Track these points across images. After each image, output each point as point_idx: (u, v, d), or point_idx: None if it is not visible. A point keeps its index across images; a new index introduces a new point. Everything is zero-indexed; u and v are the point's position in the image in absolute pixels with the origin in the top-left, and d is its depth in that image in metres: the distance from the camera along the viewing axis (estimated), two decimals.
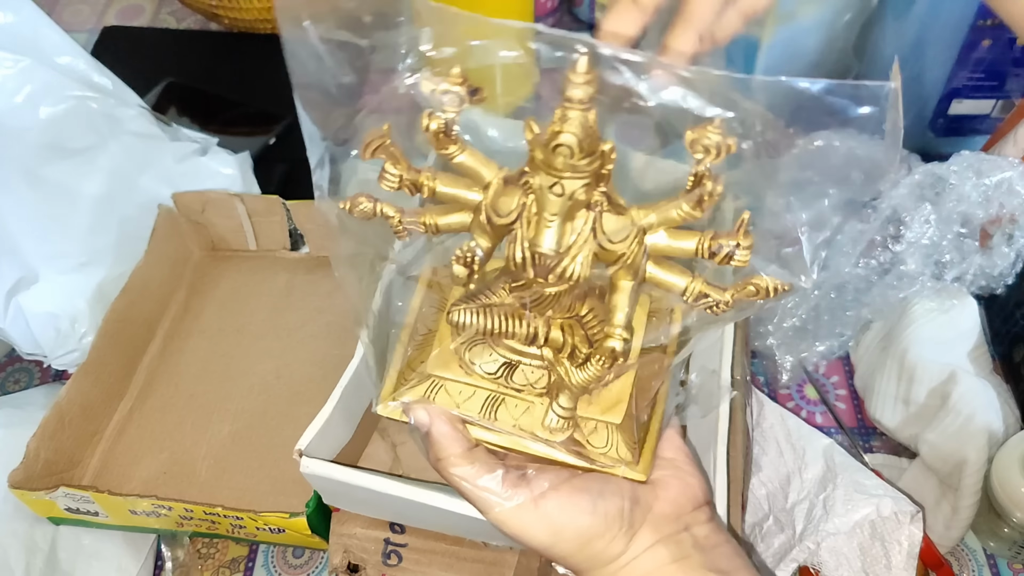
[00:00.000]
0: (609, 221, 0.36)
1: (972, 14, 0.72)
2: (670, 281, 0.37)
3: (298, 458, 0.49)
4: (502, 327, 0.39)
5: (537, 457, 0.43)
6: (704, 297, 0.37)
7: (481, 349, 0.42)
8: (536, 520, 0.41)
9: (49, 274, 0.69)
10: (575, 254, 0.36)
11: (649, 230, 0.36)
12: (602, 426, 0.41)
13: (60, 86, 0.72)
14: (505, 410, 0.41)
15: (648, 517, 0.42)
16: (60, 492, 0.58)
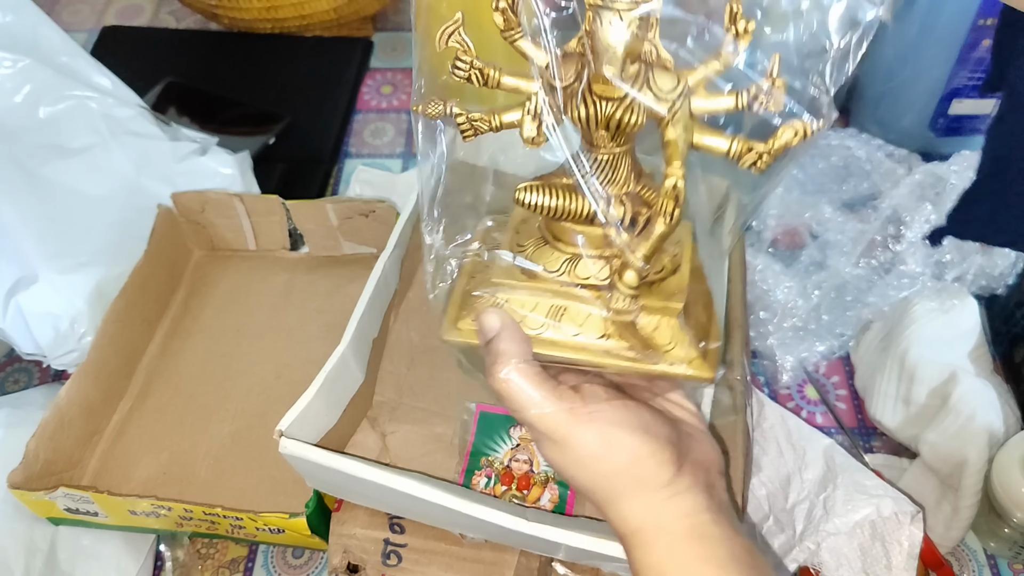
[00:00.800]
0: (659, 75, 0.38)
1: (972, 14, 0.72)
2: (715, 143, 0.38)
3: (278, 438, 0.49)
4: (567, 203, 0.40)
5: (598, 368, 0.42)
6: (748, 151, 0.38)
7: (543, 251, 0.43)
8: (588, 428, 0.40)
9: (48, 274, 0.69)
10: (629, 103, 0.37)
11: (696, 95, 0.38)
12: (664, 323, 0.40)
13: (60, 86, 0.72)
14: (569, 318, 0.41)
15: (690, 458, 0.42)
16: (59, 492, 0.58)
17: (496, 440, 0.60)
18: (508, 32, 0.39)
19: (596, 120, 0.38)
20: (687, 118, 0.38)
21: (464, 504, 0.47)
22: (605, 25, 0.36)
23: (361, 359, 0.57)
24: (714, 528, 0.40)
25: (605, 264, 0.42)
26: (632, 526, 0.41)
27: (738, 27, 0.36)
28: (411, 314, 0.65)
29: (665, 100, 0.38)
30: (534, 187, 0.41)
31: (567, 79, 0.39)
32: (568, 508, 0.57)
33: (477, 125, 0.41)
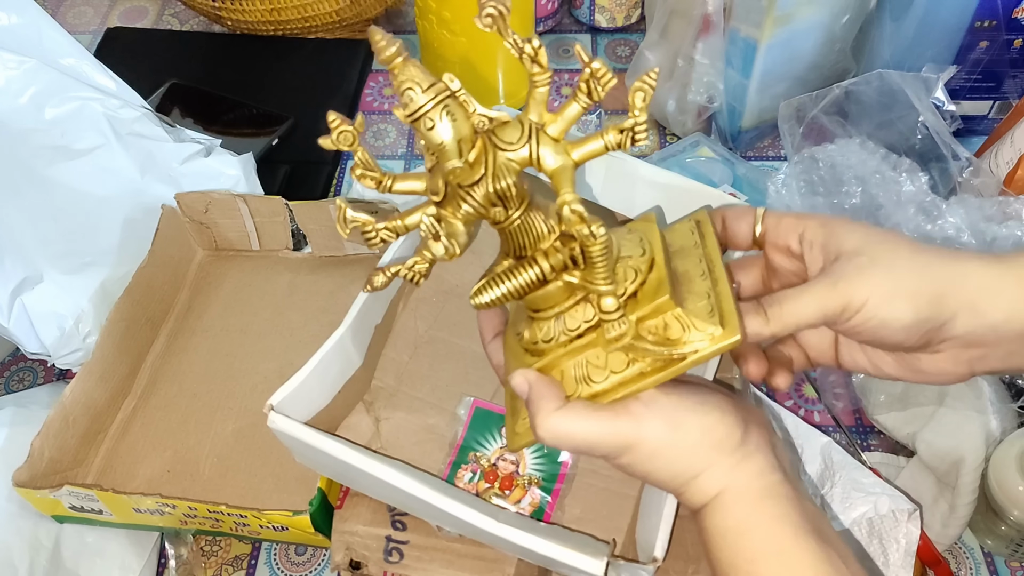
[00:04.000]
0: (501, 132, 0.40)
1: (969, 16, 0.73)
2: (591, 148, 0.40)
3: (268, 412, 0.50)
4: (515, 282, 0.42)
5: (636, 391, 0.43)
6: (619, 134, 0.39)
7: (534, 327, 0.44)
8: (652, 421, 0.40)
9: (53, 274, 0.70)
10: (492, 173, 0.39)
11: (546, 124, 0.40)
12: (668, 319, 0.41)
13: (64, 87, 0.73)
14: (594, 368, 0.42)
15: (751, 420, 0.42)
16: (64, 491, 0.58)
17: (487, 437, 0.60)
18: (380, 186, 0.42)
19: (480, 206, 0.40)
20: (553, 145, 0.40)
21: (437, 497, 0.48)
22: (425, 132, 0.39)
23: (360, 344, 0.58)
24: (786, 488, 0.41)
25: (586, 305, 0.43)
26: (710, 493, 0.41)
27: (528, 51, 0.38)
28: (420, 304, 0.66)
29: (517, 146, 0.39)
30: (481, 288, 0.43)
31: (441, 191, 0.41)
32: (546, 515, 0.58)
33: (417, 270, 0.43)
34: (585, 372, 0.42)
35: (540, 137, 0.40)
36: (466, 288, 0.67)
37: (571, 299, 0.43)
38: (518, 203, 0.41)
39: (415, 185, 0.42)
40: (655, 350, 0.40)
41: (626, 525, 0.58)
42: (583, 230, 0.37)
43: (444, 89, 0.38)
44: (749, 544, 0.40)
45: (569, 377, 0.43)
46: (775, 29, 0.78)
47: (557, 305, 0.43)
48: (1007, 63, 0.78)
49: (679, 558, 0.55)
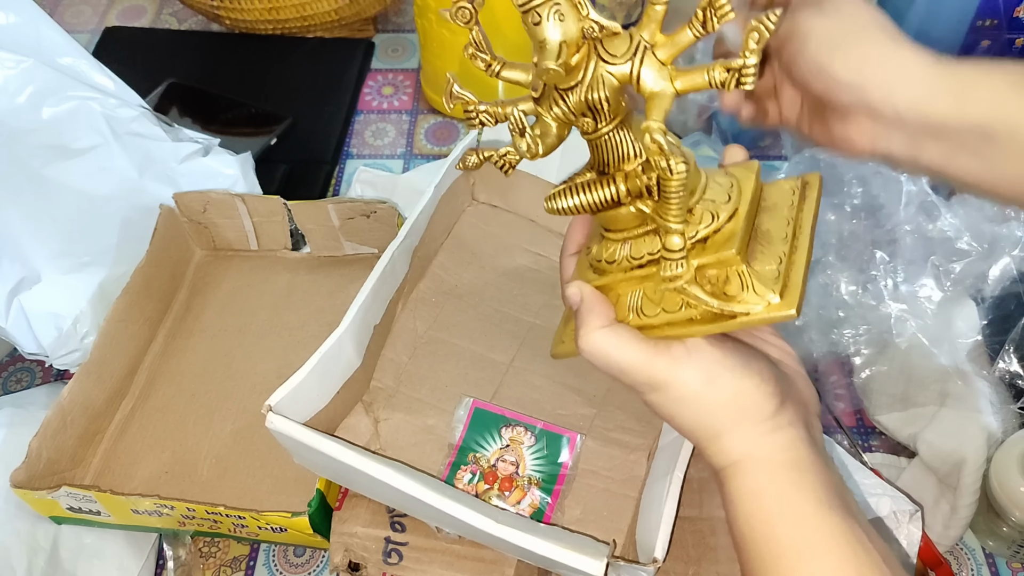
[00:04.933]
0: (609, 43, 0.39)
1: (971, 15, 0.72)
2: (694, 82, 0.39)
3: (266, 412, 0.50)
4: (589, 196, 0.41)
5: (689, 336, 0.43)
6: (726, 72, 0.38)
7: (602, 246, 0.44)
8: (689, 367, 0.40)
9: (51, 274, 0.70)
10: (589, 82, 0.39)
11: (656, 45, 0.39)
12: (730, 273, 0.40)
13: (62, 87, 0.72)
14: (647, 301, 0.42)
15: (790, 394, 0.42)
16: (62, 492, 0.58)
17: (486, 438, 0.60)
18: (489, 69, 0.42)
19: (571, 110, 0.40)
20: (658, 68, 0.39)
21: (437, 498, 0.48)
22: (530, 27, 0.38)
23: (359, 344, 0.58)
24: (813, 462, 0.40)
25: (655, 237, 0.42)
26: (732, 457, 0.41)
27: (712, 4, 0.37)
28: (419, 304, 0.66)
29: (620, 60, 0.39)
30: (557, 193, 0.42)
31: (539, 88, 0.41)
32: (546, 516, 0.58)
33: (509, 159, 0.43)
34: (639, 303, 0.42)
35: (646, 56, 0.39)
36: (465, 289, 0.67)
37: (642, 227, 0.42)
38: (610, 118, 0.40)
39: (521, 76, 0.42)
40: (706, 300, 0.39)
41: (626, 526, 0.57)
42: (661, 162, 0.36)
43: None
44: (767, 506, 0.40)
45: (623, 304, 0.42)
46: None
47: (627, 230, 0.43)
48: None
49: (679, 559, 0.55)
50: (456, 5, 0.39)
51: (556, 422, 0.61)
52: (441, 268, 0.68)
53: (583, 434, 0.60)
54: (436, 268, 0.68)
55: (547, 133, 0.41)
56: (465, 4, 0.39)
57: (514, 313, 0.67)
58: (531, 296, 0.68)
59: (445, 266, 0.68)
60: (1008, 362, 0.65)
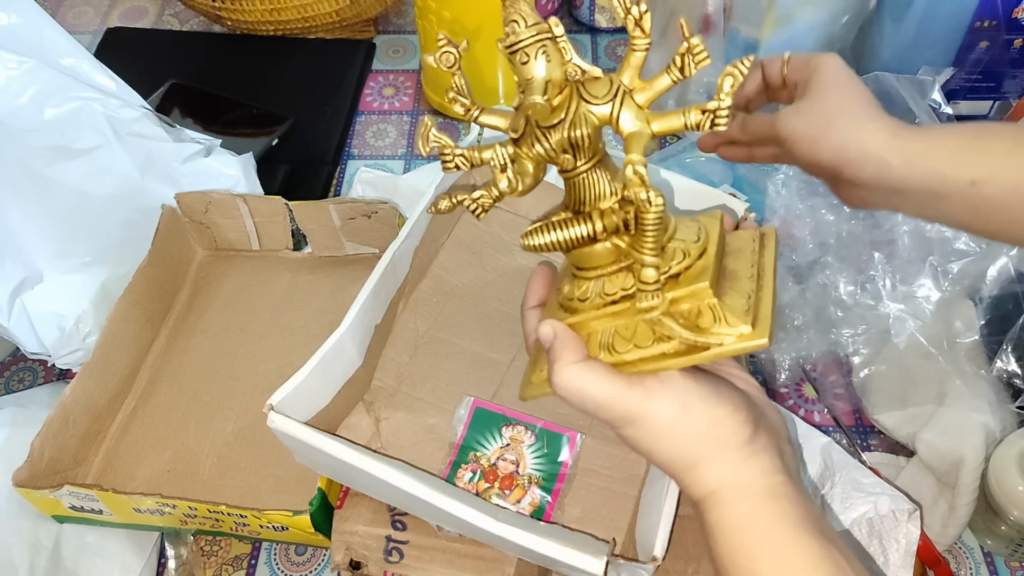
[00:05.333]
0: (590, 85, 0.41)
1: (969, 16, 0.73)
2: (670, 124, 0.40)
3: (267, 412, 0.50)
4: (566, 232, 0.42)
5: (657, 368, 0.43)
6: (701, 114, 0.39)
7: (574, 285, 0.45)
8: (664, 399, 0.40)
9: (53, 274, 0.70)
10: (571, 120, 0.40)
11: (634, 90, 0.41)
12: (702, 307, 0.41)
13: (64, 87, 0.73)
14: (619, 338, 0.43)
15: (762, 422, 0.42)
16: (64, 491, 0.58)
17: (487, 437, 0.60)
18: (467, 113, 0.44)
19: (552, 148, 0.41)
20: (635, 111, 0.40)
21: (437, 497, 0.48)
22: (518, 66, 0.40)
23: (360, 343, 0.58)
24: (789, 489, 0.41)
25: (627, 274, 0.43)
26: (709, 487, 0.41)
27: (634, 13, 0.39)
28: (420, 304, 0.66)
29: (601, 101, 0.40)
30: (534, 230, 0.43)
31: (521, 127, 0.42)
32: (546, 514, 0.58)
33: (481, 202, 0.44)
34: (611, 340, 0.43)
35: (625, 100, 0.40)
36: (466, 289, 0.68)
37: (615, 264, 0.43)
38: (588, 155, 0.42)
39: (498, 121, 0.44)
40: (681, 332, 0.40)
41: (626, 524, 0.58)
42: (641, 193, 0.37)
43: (547, 30, 0.40)
44: (749, 540, 0.40)
45: (594, 341, 0.43)
46: (775, 29, 0.78)
47: (601, 267, 0.43)
48: (1007, 63, 0.78)
49: (679, 557, 0.56)
50: (441, 50, 0.41)
51: (556, 421, 0.61)
52: (442, 268, 0.68)
53: (583, 433, 0.60)
54: (437, 268, 0.68)
55: (525, 173, 0.43)
56: (450, 49, 0.41)
57: (514, 313, 0.67)
58: None
59: (446, 266, 0.68)
60: (1006, 362, 0.65)
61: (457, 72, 0.42)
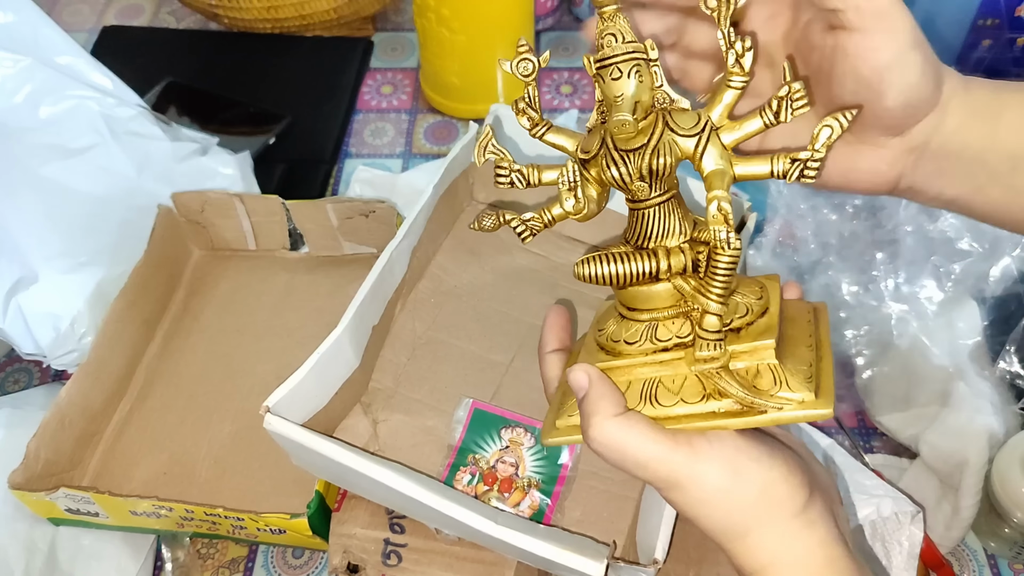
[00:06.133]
0: (678, 116, 0.39)
1: (972, 14, 0.72)
2: (756, 169, 0.38)
3: (264, 414, 0.49)
4: (625, 266, 0.40)
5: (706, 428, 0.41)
6: (791, 164, 0.37)
7: (621, 327, 0.42)
8: (712, 462, 0.37)
9: (48, 274, 0.69)
10: (655, 146, 0.38)
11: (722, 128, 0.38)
12: (763, 367, 0.39)
13: (60, 86, 0.72)
14: (664, 390, 0.40)
15: (816, 484, 0.39)
16: (60, 493, 0.58)
17: (486, 439, 0.60)
18: (535, 129, 0.41)
19: (628, 174, 0.39)
20: (720, 150, 0.38)
21: (436, 500, 0.47)
22: (608, 81, 0.38)
23: (358, 344, 0.58)
24: (848, 563, 0.38)
25: (685, 320, 0.40)
26: (763, 559, 0.38)
27: (737, 48, 0.36)
28: (418, 305, 0.66)
29: (689, 135, 0.38)
30: (590, 259, 0.40)
31: (594, 149, 0.40)
32: (546, 517, 0.57)
33: (532, 225, 0.42)
34: (654, 391, 0.40)
35: (712, 137, 0.38)
36: (465, 290, 0.67)
37: (672, 308, 0.41)
38: (665, 188, 0.39)
39: (566, 142, 0.42)
40: (739, 390, 0.37)
41: (626, 527, 0.57)
42: (722, 232, 0.36)
43: (643, 51, 0.38)
44: None
45: (635, 390, 0.40)
46: None
47: (655, 310, 0.41)
48: (1010, 62, 0.78)
49: (680, 560, 0.55)
50: (520, 57, 0.39)
51: None
52: (440, 268, 0.68)
53: None
54: (435, 268, 0.68)
55: (589, 198, 0.41)
56: (530, 57, 0.39)
57: (514, 314, 0.66)
58: (531, 296, 0.67)
59: (444, 266, 0.68)
60: (1009, 363, 0.65)
61: (532, 83, 0.40)
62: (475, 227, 0.43)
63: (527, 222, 0.42)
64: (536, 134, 0.41)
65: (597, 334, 0.44)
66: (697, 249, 0.39)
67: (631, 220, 0.41)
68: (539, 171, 0.42)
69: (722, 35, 0.36)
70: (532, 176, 0.42)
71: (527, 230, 0.42)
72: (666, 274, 0.40)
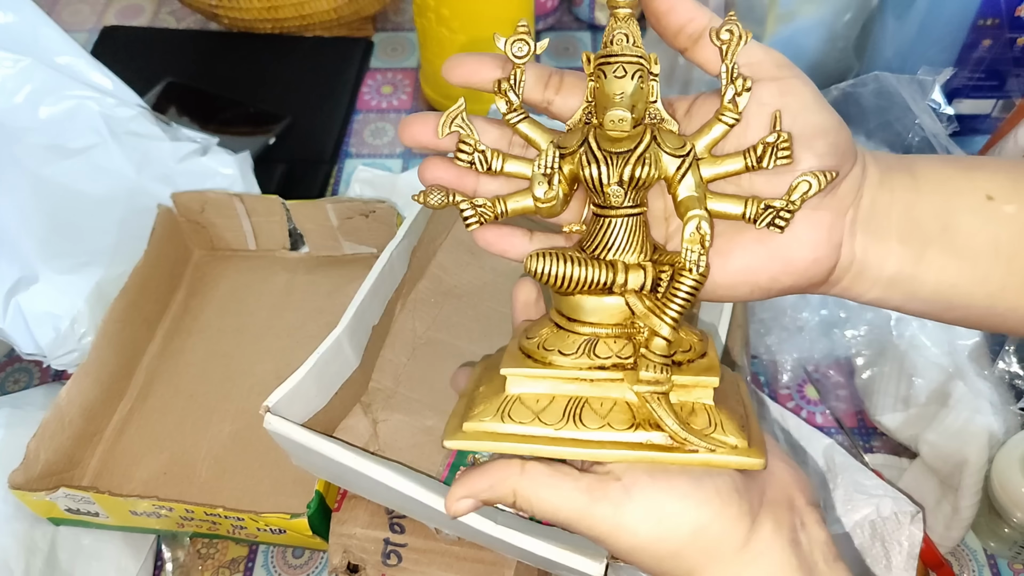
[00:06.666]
0: (666, 135, 0.38)
1: (972, 14, 0.72)
2: (728, 208, 0.38)
3: (264, 414, 0.49)
4: (583, 271, 0.38)
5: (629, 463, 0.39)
6: (764, 210, 0.36)
7: (556, 336, 0.40)
8: (633, 511, 0.35)
9: (49, 274, 0.69)
10: (641, 154, 0.37)
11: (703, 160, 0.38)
12: (699, 407, 0.38)
13: (60, 86, 0.72)
14: (590, 411, 0.38)
15: (764, 501, 0.37)
16: (60, 493, 0.58)
17: None
18: (510, 115, 0.39)
19: (608, 175, 0.37)
20: (698, 181, 0.38)
21: (436, 500, 0.47)
22: (611, 77, 0.37)
23: (358, 344, 0.58)
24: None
25: (628, 342, 0.39)
26: None
27: (737, 85, 0.36)
28: (418, 305, 0.66)
29: (674, 155, 0.37)
30: (545, 254, 0.38)
31: (573, 145, 0.39)
32: None
33: (482, 212, 0.40)
34: (579, 411, 0.38)
35: (693, 166, 0.38)
36: (465, 289, 0.67)
37: (616, 327, 0.39)
38: (637, 200, 0.38)
39: (540, 137, 0.40)
40: (673, 424, 0.36)
41: None
42: (694, 254, 0.35)
43: (648, 60, 0.37)
44: None
45: (558, 406, 0.38)
46: (777, 27, 0.77)
47: (599, 324, 0.39)
48: (1010, 61, 0.78)
49: None
50: (516, 36, 0.38)
51: None
52: (440, 268, 0.68)
53: None
54: (435, 268, 0.68)
55: (560, 192, 0.39)
56: (526, 38, 0.38)
57: None
58: None
59: (444, 266, 0.68)
60: (1008, 363, 0.65)
61: (522, 68, 0.39)
62: (419, 200, 0.40)
63: (478, 208, 0.40)
64: (510, 120, 0.39)
65: (525, 340, 0.41)
66: (660, 269, 0.38)
67: (592, 228, 0.39)
68: (504, 159, 0.40)
69: (725, 69, 0.36)
70: (495, 162, 0.40)
71: (476, 216, 0.40)
72: (621, 288, 0.38)
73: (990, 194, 0.36)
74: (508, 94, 0.39)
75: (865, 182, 0.37)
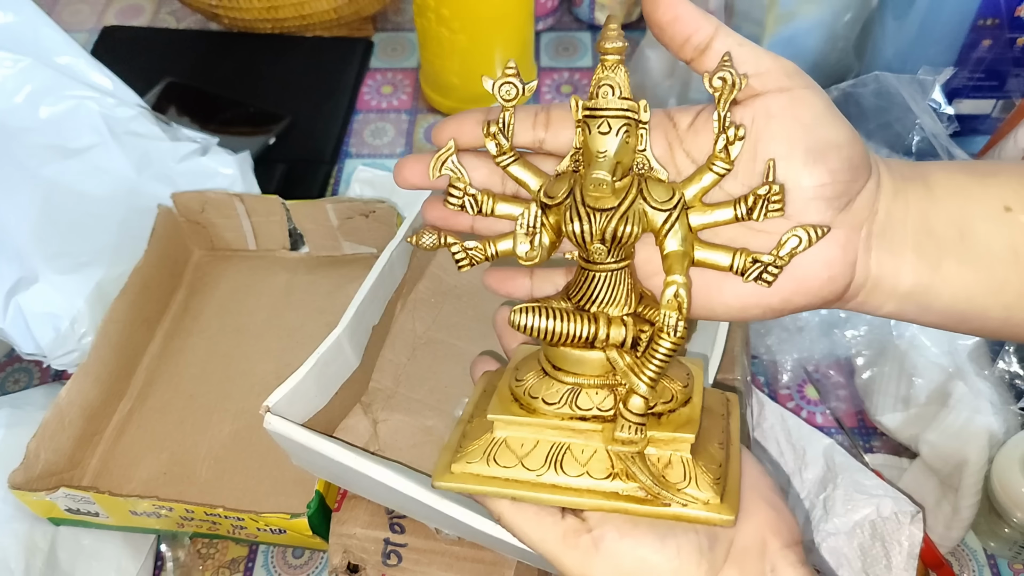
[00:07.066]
0: (653, 187, 0.37)
1: (972, 14, 0.72)
2: (716, 258, 0.37)
3: (264, 414, 0.49)
4: (564, 325, 0.38)
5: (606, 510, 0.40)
6: (752, 264, 0.36)
7: (542, 383, 0.41)
8: (598, 565, 0.37)
9: (49, 274, 0.69)
10: (623, 213, 0.37)
11: (692, 209, 0.37)
12: (676, 459, 0.38)
13: (60, 86, 0.72)
14: (571, 458, 0.39)
15: (731, 552, 0.37)
16: (60, 493, 0.58)
17: None
18: (500, 157, 0.39)
19: (591, 233, 0.37)
20: (686, 231, 0.37)
21: (436, 500, 0.47)
22: (595, 133, 0.36)
23: (358, 344, 0.58)
24: None
25: (609, 393, 0.39)
26: None
27: (728, 134, 0.35)
28: (418, 305, 0.66)
29: (660, 209, 0.37)
30: (530, 308, 0.38)
31: (559, 196, 0.38)
32: None
33: (473, 255, 0.40)
34: (561, 457, 0.39)
35: (680, 217, 0.37)
36: (465, 289, 0.67)
37: (599, 379, 0.39)
38: (622, 256, 0.38)
39: (530, 179, 0.39)
40: (647, 480, 0.37)
41: None
42: (671, 319, 0.35)
43: (636, 110, 0.37)
44: None
45: (541, 451, 0.40)
46: (777, 27, 0.77)
47: (583, 375, 0.40)
48: (1010, 62, 0.78)
49: None
50: (504, 79, 0.38)
51: None
52: (440, 268, 0.68)
53: None
54: (435, 268, 0.68)
55: (543, 246, 0.39)
56: (514, 81, 0.37)
57: None
58: None
59: (444, 266, 0.68)
60: (1008, 363, 0.65)
61: (511, 110, 0.38)
62: (411, 242, 0.41)
63: (469, 251, 0.40)
64: (500, 163, 0.39)
65: (514, 383, 0.42)
66: (640, 327, 0.38)
67: (577, 278, 0.40)
68: (495, 200, 0.40)
69: (717, 117, 0.36)
70: (486, 205, 0.40)
71: (467, 259, 0.41)
72: (602, 343, 0.38)
73: (1007, 204, 0.36)
74: (497, 138, 0.39)
75: (880, 195, 0.36)
